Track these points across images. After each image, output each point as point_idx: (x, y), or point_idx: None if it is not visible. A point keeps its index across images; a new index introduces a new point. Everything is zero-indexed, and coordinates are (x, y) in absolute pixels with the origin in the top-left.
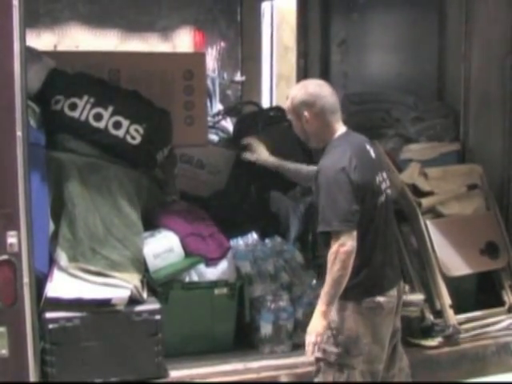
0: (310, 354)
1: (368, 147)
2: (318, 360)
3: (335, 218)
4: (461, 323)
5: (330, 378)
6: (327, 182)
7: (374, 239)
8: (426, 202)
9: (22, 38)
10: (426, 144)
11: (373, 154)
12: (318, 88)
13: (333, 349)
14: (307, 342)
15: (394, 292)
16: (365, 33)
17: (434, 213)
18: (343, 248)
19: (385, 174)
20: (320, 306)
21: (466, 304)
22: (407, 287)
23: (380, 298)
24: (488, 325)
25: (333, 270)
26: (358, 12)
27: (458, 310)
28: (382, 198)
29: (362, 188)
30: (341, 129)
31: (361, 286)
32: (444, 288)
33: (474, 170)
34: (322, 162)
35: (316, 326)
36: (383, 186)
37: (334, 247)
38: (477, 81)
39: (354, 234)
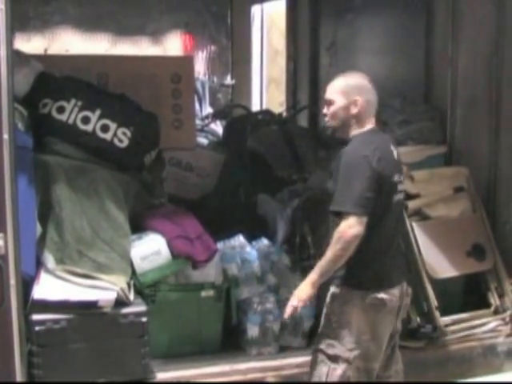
0: (286, 315)
1: (392, 148)
2: (316, 350)
3: (349, 201)
4: (447, 325)
5: (324, 370)
6: (347, 166)
7: (385, 235)
8: (412, 204)
9: (9, 42)
10: (413, 147)
11: (395, 155)
12: (367, 81)
13: (331, 341)
14: (289, 303)
15: (396, 291)
16: (353, 36)
17: (420, 215)
18: (350, 230)
19: (402, 178)
20: (312, 275)
21: (453, 306)
22: (410, 289)
23: (384, 295)
24: (474, 327)
25: (335, 247)
26: (346, 15)
27: (445, 311)
28: (397, 197)
29: (380, 179)
30: (370, 125)
31: (369, 279)
32: (430, 290)
33: (461, 173)
34: (345, 149)
35: (302, 292)
36: (399, 186)
37: (342, 227)
38: (463, 83)
39: (364, 220)
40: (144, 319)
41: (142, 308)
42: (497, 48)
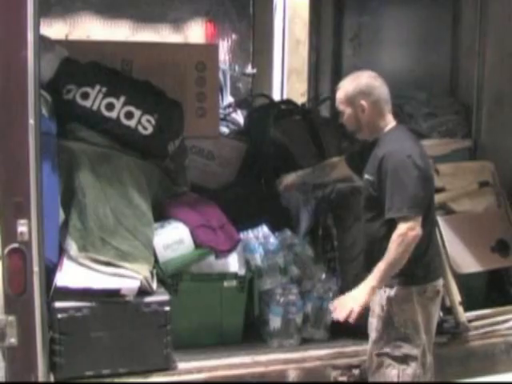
0: (341, 318)
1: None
2: (379, 354)
3: (405, 204)
4: (470, 321)
5: (394, 372)
6: (395, 168)
7: (431, 228)
8: (437, 198)
9: (36, 27)
10: (438, 140)
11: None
12: (371, 79)
13: (397, 342)
14: (347, 306)
15: (441, 281)
16: (378, 28)
17: (445, 209)
18: (412, 232)
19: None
20: (372, 281)
21: (476, 301)
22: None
23: (437, 286)
24: (497, 323)
25: (397, 251)
26: (371, 6)
27: (468, 307)
28: (435, 190)
29: (426, 175)
30: (392, 120)
31: (422, 272)
32: (454, 285)
33: (486, 167)
34: (385, 150)
35: (361, 297)
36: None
37: (403, 230)
38: (490, 78)
39: (420, 219)
40: (167, 308)
41: (165, 297)
42: None
